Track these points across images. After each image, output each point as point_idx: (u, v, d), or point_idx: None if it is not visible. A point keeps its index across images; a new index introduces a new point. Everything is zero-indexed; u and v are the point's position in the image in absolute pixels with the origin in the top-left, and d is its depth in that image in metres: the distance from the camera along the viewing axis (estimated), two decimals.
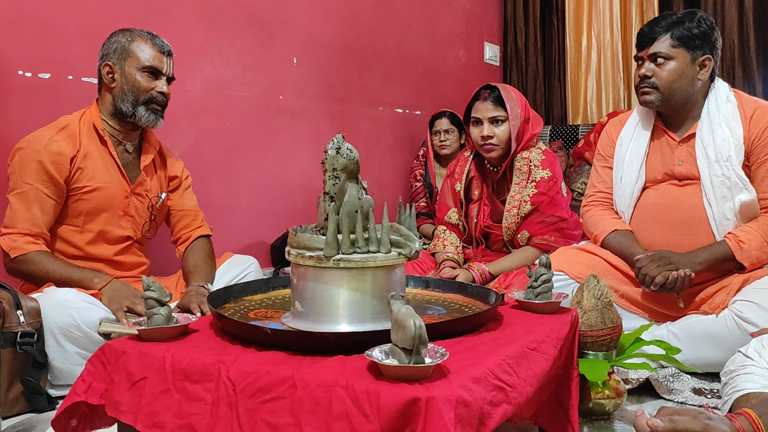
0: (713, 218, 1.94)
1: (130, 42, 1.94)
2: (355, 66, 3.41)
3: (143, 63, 1.94)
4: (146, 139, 2.10)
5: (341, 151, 1.20)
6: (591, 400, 1.53)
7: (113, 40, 1.96)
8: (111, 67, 1.94)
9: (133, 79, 1.94)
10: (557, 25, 4.47)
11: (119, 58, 1.94)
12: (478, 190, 2.49)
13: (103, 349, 1.16)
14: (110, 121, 1.98)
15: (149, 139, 2.10)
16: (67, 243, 1.94)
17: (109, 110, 1.98)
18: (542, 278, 1.36)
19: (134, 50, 1.94)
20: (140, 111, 1.95)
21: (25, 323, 1.66)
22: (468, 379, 0.94)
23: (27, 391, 1.65)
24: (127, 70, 1.94)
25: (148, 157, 2.08)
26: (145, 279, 1.18)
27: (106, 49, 1.96)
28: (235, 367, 1.02)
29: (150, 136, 2.11)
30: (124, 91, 1.94)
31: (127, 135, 2.02)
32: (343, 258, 1.14)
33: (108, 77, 1.95)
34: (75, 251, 1.94)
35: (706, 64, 1.99)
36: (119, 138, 2.01)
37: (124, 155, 2.03)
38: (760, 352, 1.33)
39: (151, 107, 1.97)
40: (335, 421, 0.92)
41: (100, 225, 1.97)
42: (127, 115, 1.96)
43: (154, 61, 1.96)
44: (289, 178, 3.06)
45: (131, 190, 2.02)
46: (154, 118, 1.98)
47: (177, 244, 2.17)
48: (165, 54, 1.99)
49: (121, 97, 1.94)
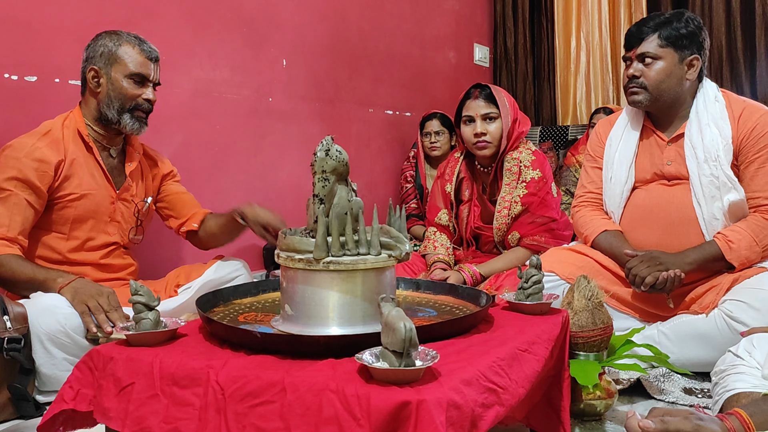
0: (702, 218, 1.95)
1: (117, 47, 1.92)
2: (344, 68, 3.40)
3: (130, 70, 1.92)
4: (130, 143, 2.08)
5: (330, 153, 1.20)
6: (582, 401, 1.53)
7: (100, 43, 1.93)
8: (97, 71, 1.92)
9: (119, 85, 1.91)
10: (546, 27, 4.49)
11: (106, 63, 1.91)
12: (469, 191, 2.49)
13: (90, 355, 1.15)
14: (94, 126, 1.96)
15: (133, 143, 2.09)
16: (52, 250, 1.91)
17: (93, 115, 1.95)
18: (533, 279, 1.36)
19: (121, 56, 1.91)
20: (125, 118, 1.93)
21: (12, 329, 1.64)
22: (459, 381, 0.94)
23: (14, 398, 1.63)
24: (114, 75, 1.91)
25: (134, 162, 2.06)
26: (133, 283, 1.16)
27: (92, 52, 1.93)
28: (224, 371, 1.01)
29: (134, 141, 2.09)
30: (110, 97, 1.92)
31: (111, 140, 2.00)
32: (332, 260, 1.14)
33: (93, 82, 1.92)
34: (59, 257, 1.91)
35: (694, 63, 2.00)
36: (104, 143, 1.99)
37: (109, 160, 2.01)
38: (751, 352, 1.33)
39: (136, 114, 1.95)
40: (325, 425, 0.92)
41: (86, 232, 1.94)
42: (112, 122, 1.93)
43: (142, 68, 1.93)
44: (279, 181, 3.05)
45: (117, 195, 2.00)
46: (139, 126, 1.96)
47: (185, 222, 2.18)
48: (152, 60, 1.96)
49: (106, 103, 1.92)
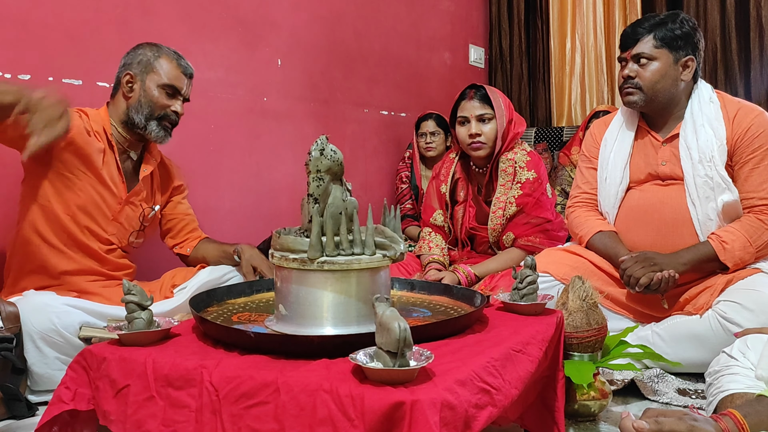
0: (697, 219, 1.95)
1: (156, 57, 1.98)
2: (340, 68, 3.39)
3: (164, 80, 1.98)
4: (149, 150, 2.12)
5: (325, 152, 1.19)
6: (576, 402, 1.53)
7: (140, 52, 1.99)
8: (132, 77, 1.97)
9: (151, 93, 1.97)
10: (541, 28, 4.50)
11: (142, 70, 1.97)
12: (464, 192, 2.49)
13: (83, 355, 1.15)
14: (119, 128, 2.00)
15: (152, 150, 2.12)
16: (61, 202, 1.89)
17: (120, 117, 1.99)
18: (527, 280, 1.36)
19: (158, 66, 1.98)
20: (152, 125, 1.98)
21: (4, 328, 1.63)
22: (453, 381, 0.94)
23: (6, 398, 1.62)
24: (148, 84, 1.97)
25: (149, 167, 2.09)
26: (126, 282, 1.16)
27: (131, 59, 1.99)
28: (217, 371, 1.01)
29: (153, 148, 2.13)
30: (140, 103, 1.97)
31: (132, 144, 2.04)
32: (327, 260, 1.13)
33: (127, 86, 1.97)
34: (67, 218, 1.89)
35: (689, 64, 2.00)
36: (125, 146, 2.03)
37: (126, 163, 2.04)
38: (745, 353, 1.34)
39: (163, 124, 2.00)
40: (319, 425, 0.91)
41: (87, 221, 1.93)
42: (138, 127, 1.98)
43: (176, 81, 2.00)
44: (274, 181, 3.04)
45: (126, 198, 2.02)
46: (164, 135, 2.01)
47: (181, 245, 2.23)
48: (187, 76, 2.03)
49: (136, 108, 1.97)
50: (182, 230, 2.24)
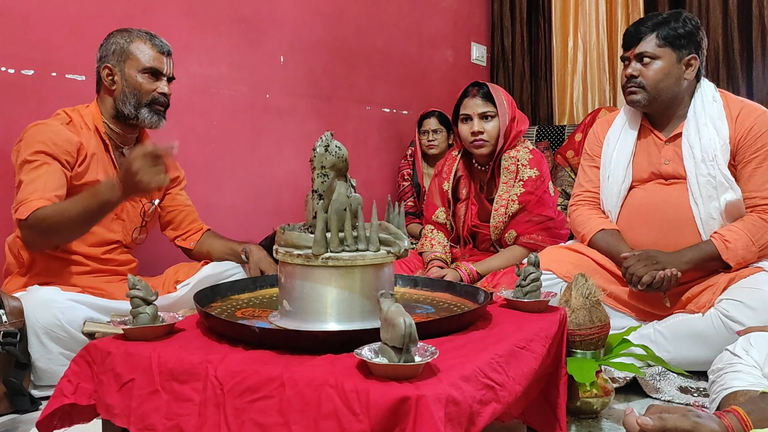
0: (699, 218, 1.96)
1: (129, 43, 1.93)
2: (342, 65, 3.39)
3: (143, 64, 1.93)
4: (141, 142, 2.09)
5: (330, 148, 1.19)
6: (579, 399, 1.53)
7: (111, 42, 1.94)
8: (110, 69, 1.93)
9: (134, 81, 1.93)
10: (544, 26, 4.49)
11: (119, 60, 1.93)
12: (466, 190, 2.49)
13: (87, 349, 1.15)
14: (111, 124, 1.98)
15: (144, 142, 2.09)
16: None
17: (110, 113, 1.97)
18: (531, 277, 1.36)
19: (134, 51, 1.93)
20: (143, 113, 1.95)
21: (8, 323, 1.64)
22: (458, 377, 0.94)
23: (10, 392, 1.63)
24: (128, 72, 1.93)
25: None
26: (131, 277, 1.16)
27: (104, 51, 1.95)
28: (222, 366, 1.01)
29: (145, 140, 2.10)
30: (125, 93, 1.93)
31: (125, 138, 2.02)
32: (331, 256, 1.14)
33: (108, 79, 1.94)
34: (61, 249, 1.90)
35: (692, 63, 2.00)
36: (118, 141, 2.01)
37: (121, 159, 2.02)
38: (748, 350, 1.34)
39: (154, 108, 1.97)
40: (324, 420, 0.91)
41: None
42: (130, 117, 1.95)
43: (155, 62, 1.95)
44: (276, 177, 3.04)
45: None
46: (157, 119, 1.98)
47: (184, 237, 2.21)
48: (165, 54, 1.98)
49: (122, 100, 1.94)
50: (183, 221, 2.21)
